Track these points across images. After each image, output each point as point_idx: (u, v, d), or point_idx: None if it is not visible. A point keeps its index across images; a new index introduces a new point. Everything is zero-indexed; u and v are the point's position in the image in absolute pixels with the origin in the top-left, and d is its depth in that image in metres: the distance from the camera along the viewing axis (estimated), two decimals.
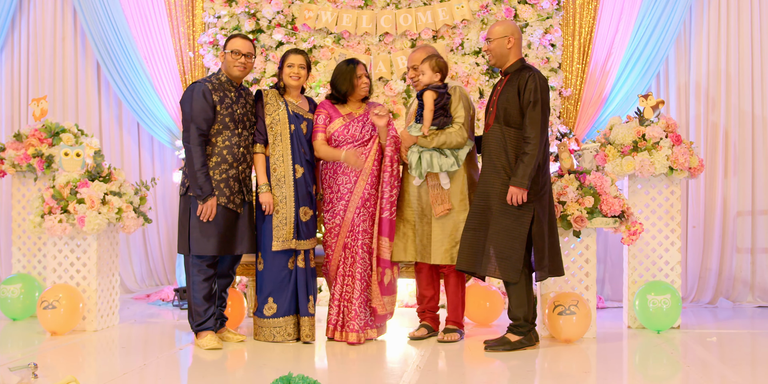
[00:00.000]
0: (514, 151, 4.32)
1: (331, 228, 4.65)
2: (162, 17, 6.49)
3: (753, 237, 6.17)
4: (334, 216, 4.63)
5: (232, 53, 4.51)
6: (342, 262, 4.61)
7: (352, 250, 4.59)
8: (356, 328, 4.54)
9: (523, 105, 4.31)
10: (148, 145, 6.76)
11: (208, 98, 4.44)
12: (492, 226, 4.33)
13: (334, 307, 4.61)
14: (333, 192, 4.64)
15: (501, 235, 4.31)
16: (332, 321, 4.62)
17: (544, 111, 4.30)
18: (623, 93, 6.11)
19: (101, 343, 4.72)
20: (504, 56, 4.46)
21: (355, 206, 4.60)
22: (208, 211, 4.41)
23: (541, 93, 4.29)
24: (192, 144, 4.42)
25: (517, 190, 4.26)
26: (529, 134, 4.27)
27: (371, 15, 6.23)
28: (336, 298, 4.61)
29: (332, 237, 4.64)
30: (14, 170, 5.51)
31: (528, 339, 4.43)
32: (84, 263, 4.97)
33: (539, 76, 4.34)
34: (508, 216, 4.31)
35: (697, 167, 5.09)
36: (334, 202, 4.64)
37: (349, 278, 4.60)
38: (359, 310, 4.55)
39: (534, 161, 4.25)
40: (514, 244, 4.29)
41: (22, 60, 6.73)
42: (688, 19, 6.22)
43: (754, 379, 3.87)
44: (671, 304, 4.89)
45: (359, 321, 4.55)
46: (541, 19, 6.16)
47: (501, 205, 4.33)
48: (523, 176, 4.24)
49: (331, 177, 4.66)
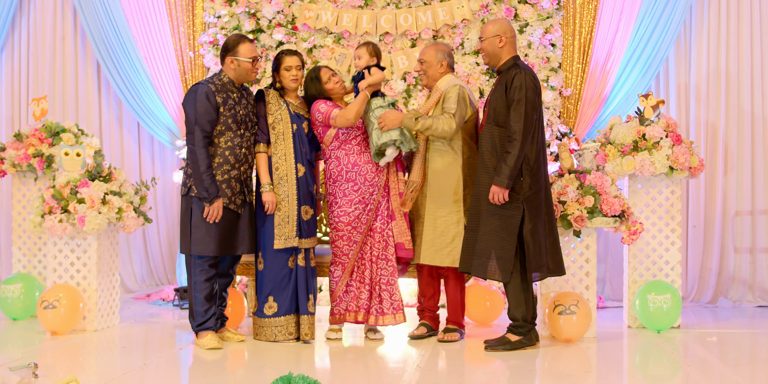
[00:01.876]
0: (503, 150, 4.30)
1: (359, 215, 4.59)
2: (162, 17, 6.49)
3: (753, 237, 6.16)
4: (366, 204, 4.61)
5: (253, 62, 4.51)
6: (373, 245, 4.63)
7: (383, 234, 4.62)
8: (390, 311, 4.60)
9: (508, 103, 4.29)
10: (148, 144, 6.76)
11: (211, 100, 4.43)
12: (481, 227, 4.33)
13: (364, 291, 4.63)
14: (359, 183, 4.60)
15: (490, 235, 4.30)
16: (363, 306, 4.63)
17: (527, 109, 4.24)
18: (623, 93, 6.11)
19: (101, 342, 4.72)
20: (496, 55, 4.44)
21: (383, 189, 4.63)
22: (214, 213, 4.41)
23: (526, 91, 4.24)
24: (197, 146, 4.41)
25: (498, 189, 4.24)
26: (511, 133, 4.24)
27: (371, 15, 6.23)
28: (366, 283, 4.62)
29: (362, 225, 4.60)
30: (14, 170, 5.51)
31: (528, 339, 4.43)
32: (84, 263, 4.97)
33: (527, 74, 4.29)
34: (496, 216, 4.30)
35: (698, 167, 5.09)
36: (364, 190, 4.60)
37: (382, 261, 4.62)
38: (392, 292, 4.61)
39: (516, 160, 4.21)
40: (503, 244, 4.28)
41: (22, 60, 6.73)
42: (689, 19, 6.22)
43: (754, 378, 3.88)
44: (671, 303, 4.89)
45: (395, 303, 4.60)
46: (541, 18, 6.16)
47: (489, 206, 4.32)
48: (503, 175, 4.21)
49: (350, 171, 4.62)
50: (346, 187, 4.64)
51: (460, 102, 4.51)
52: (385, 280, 4.62)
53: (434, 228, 4.58)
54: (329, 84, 4.67)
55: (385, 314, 4.62)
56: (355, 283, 4.66)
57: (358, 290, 4.66)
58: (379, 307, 4.63)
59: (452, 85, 4.59)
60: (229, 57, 4.52)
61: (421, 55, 4.72)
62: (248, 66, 4.52)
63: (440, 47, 4.71)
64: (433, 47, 4.72)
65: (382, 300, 4.62)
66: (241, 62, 4.50)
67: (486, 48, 4.45)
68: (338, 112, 4.56)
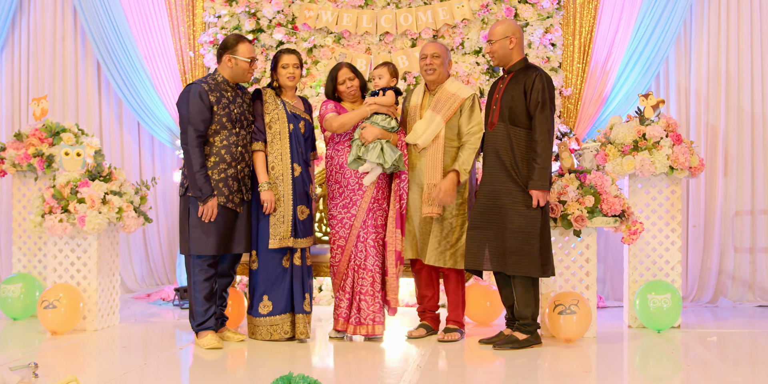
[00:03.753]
0: (519, 150, 4.35)
1: (342, 219, 4.63)
2: (162, 16, 6.49)
3: (753, 236, 6.17)
4: (348, 209, 4.63)
5: (250, 62, 4.52)
6: (355, 255, 4.61)
7: (365, 243, 4.60)
8: (368, 321, 4.57)
9: (530, 105, 4.33)
10: (148, 144, 6.76)
11: (204, 99, 4.44)
12: (509, 225, 4.35)
13: (345, 300, 4.62)
14: (342, 186, 4.64)
15: (518, 233, 4.33)
16: (342, 314, 4.62)
17: (552, 110, 4.34)
18: (623, 92, 6.11)
19: (102, 342, 4.72)
20: (507, 56, 4.47)
21: (370, 197, 4.60)
22: (209, 212, 4.41)
23: (549, 92, 4.34)
24: (190, 146, 4.42)
25: (540, 194, 4.30)
26: (539, 136, 4.31)
27: (371, 14, 6.23)
28: (347, 292, 4.62)
29: (345, 230, 4.63)
30: (15, 170, 5.51)
31: (535, 337, 4.45)
32: (84, 263, 4.97)
33: (546, 75, 4.38)
34: (521, 214, 4.34)
35: (698, 167, 5.09)
36: (346, 195, 4.63)
37: (362, 271, 4.60)
38: (371, 303, 4.57)
39: (548, 162, 4.30)
40: (531, 240, 4.32)
41: (22, 60, 6.73)
42: (689, 19, 6.22)
43: (754, 378, 3.88)
44: (671, 303, 4.89)
45: (372, 314, 4.57)
46: (541, 18, 6.16)
47: (513, 204, 4.34)
48: (542, 178, 4.29)
49: (338, 172, 4.66)
50: (334, 189, 4.69)
51: (480, 113, 4.60)
52: (364, 290, 4.58)
53: (441, 229, 4.57)
54: (342, 86, 4.70)
55: (362, 324, 4.59)
56: (339, 292, 4.68)
57: (338, 299, 4.67)
58: (357, 316, 4.61)
59: (470, 95, 4.59)
60: (227, 55, 4.52)
61: (433, 49, 4.63)
62: (245, 66, 4.52)
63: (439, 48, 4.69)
64: (442, 45, 4.71)
65: (360, 309, 4.60)
66: (239, 61, 4.51)
67: (497, 51, 4.45)
68: (330, 117, 4.61)
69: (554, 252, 4.71)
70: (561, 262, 4.79)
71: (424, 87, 4.76)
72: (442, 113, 4.59)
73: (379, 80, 4.72)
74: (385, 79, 4.72)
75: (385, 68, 4.75)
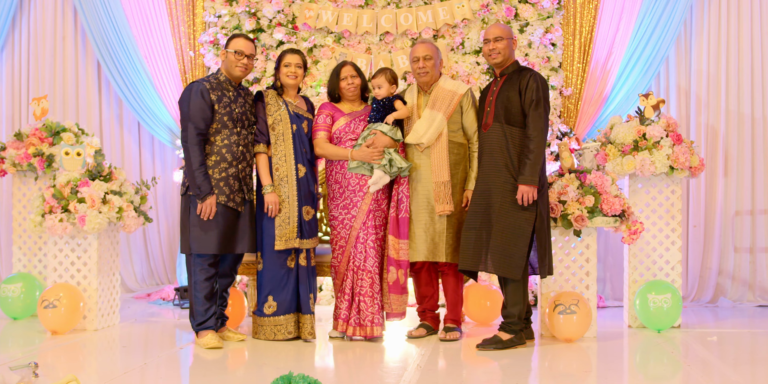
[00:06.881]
0: (515, 149, 4.36)
1: (343, 220, 4.63)
2: (162, 16, 6.49)
3: (753, 236, 6.17)
4: (348, 210, 4.63)
5: (236, 53, 4.52)
6: (354, 256, 4.61)
7: (365, 245, 4.60)
8: (367, 322, 4.56)
9: (524, 104, 4.36)
10: (148, 144, 6.76)
11: (205, 97, 4.45)
12: (495, 224, 4.34)
13: (344, 301, 4.62)
14: (343, 187, 4.65)
15: (505, 232, 4.32)
16: (342, 316, 4.62)
17: (546, 109, 4.36)
18: (624, 92, 6.11)
19: (102, 342, 4.72)
20: (510, 56, 4.53)
21: (371, 198, 4.60)
22: (207, 210, 4.42)
23: (543, 92, 4.37)
24: (190, 143, 4.42)
25: (527, 189, 4.29)
26: (532, 132, 4.32)
27: (372, 14, 6.23)
28: (347, 293, 4.62)
29: (345, 230, 4.63)
30: (15, 169, 5.51)
31: (518, 338, 4.44)
32: (84, 262, 4.97)
33: (540, 76, 4.44)
34: (511, 214, 4.33)
35: (698, 166, 5.09)
36: (347, 196, 4.63)
37: (361, 272, 4.60)
38: (370, 304, 4.56)
39: (540, 158, 4.30)
40: (517, 241, 4.31)
41: (22, 59, 6.73)
42: (689, 19, 6.22)
43: (754, 378, 3.88)
44: (672, 303, 4.89)
45: (371, 316, 4.56)
46: (541, 18, 6.16)
47: (504, 203, 4.34)
48: (532, 174, 4.29)
49: (338, 172, 4.67)
50: (334, 189, 4.69)
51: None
52: (364, 291, 4.58)
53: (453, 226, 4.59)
54: (344, 82, 4.70)
55: (362, 326, 4.59)
56: (339, 293, 4.68)
57: (338, 300, 4.67)
58: (357, 317, 4.61)
59: (467, 91, 4.64)
60: (223, 50, 4.58)
61: (424, 52, 4.62)
62: (232, 57, 4.53)
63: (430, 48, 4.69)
64: (433, 45, 4.71)
65: (360, 311, 4.59)
66: (228, 54, 4.54)
67: (504, 48, 4.49)
68: (319, 139, 4.65)
69: (554, 252, 4.71)
70: (561, 262, 4.79)
71: (417, 87, 4.76)
72: (443, 111, 4.60)
73: (379, 90, 4.68)
74: (385, 88, 4.68)
75: (383, 77, 4.69)
